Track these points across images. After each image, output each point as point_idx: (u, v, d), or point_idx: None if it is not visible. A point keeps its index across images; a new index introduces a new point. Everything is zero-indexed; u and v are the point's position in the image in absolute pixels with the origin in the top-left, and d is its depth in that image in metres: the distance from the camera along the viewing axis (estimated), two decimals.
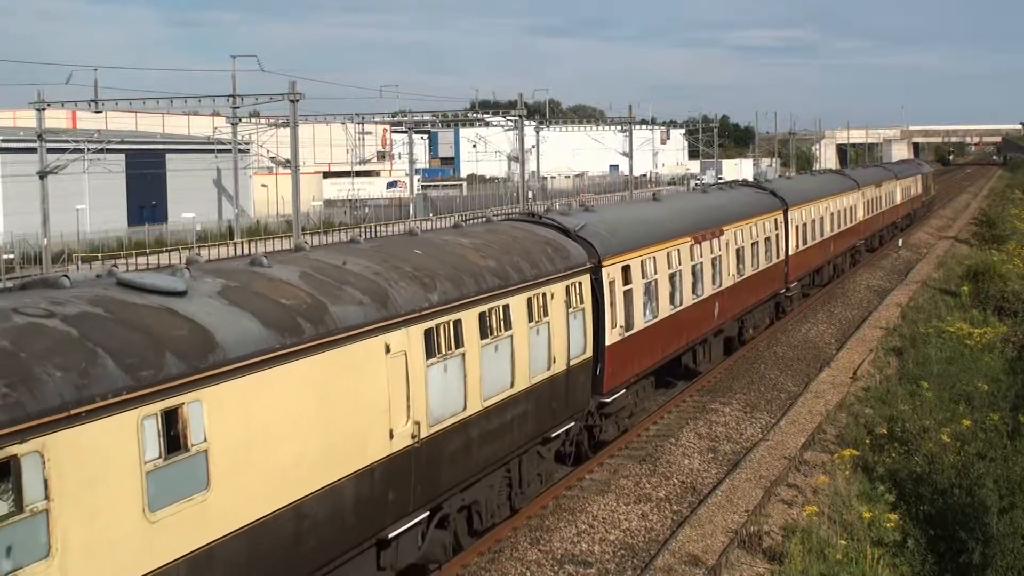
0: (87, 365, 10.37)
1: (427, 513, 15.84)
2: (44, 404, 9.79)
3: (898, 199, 69.19)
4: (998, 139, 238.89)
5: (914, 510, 18.70)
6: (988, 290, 40.43)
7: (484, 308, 17.20)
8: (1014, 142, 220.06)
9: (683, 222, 28.24)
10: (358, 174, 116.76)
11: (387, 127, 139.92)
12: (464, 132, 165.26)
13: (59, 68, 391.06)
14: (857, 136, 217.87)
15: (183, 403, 11.26)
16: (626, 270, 23.18)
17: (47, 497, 9.77)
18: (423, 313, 15.53)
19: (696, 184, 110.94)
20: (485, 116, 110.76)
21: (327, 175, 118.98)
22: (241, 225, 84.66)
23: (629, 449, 23.88)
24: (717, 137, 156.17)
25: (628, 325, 23.12)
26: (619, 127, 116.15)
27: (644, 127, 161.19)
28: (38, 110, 67.12)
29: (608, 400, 22.31)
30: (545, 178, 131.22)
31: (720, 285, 29.93)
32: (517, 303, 18.29)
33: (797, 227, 39.41)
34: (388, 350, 14.72)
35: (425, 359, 15.49)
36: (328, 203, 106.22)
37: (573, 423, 20.91)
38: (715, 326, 30.01)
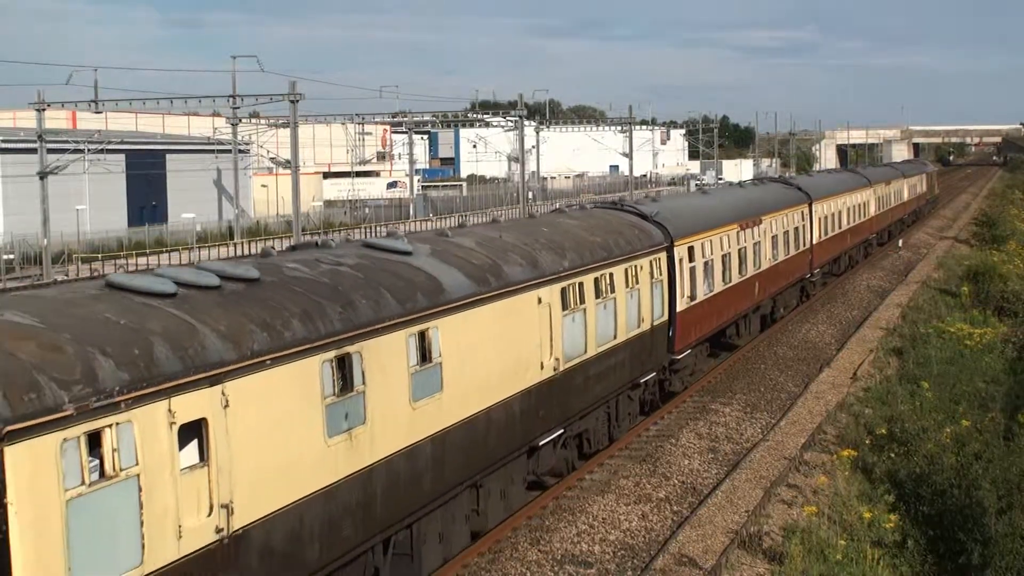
0: (378, 297, 14.79)
1: (562, 430, 20.27)
2: (361, 320, 14.14)
3: (905, 196, 72.18)
4: (998, 139, 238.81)
5: (914, 511, 18.70)
6: (988, 290, 40.42)
7: (597, 274, 21.69)
8: (1014, 142, 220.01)
9: (731, 211, 32.61)
10: (358, 174, 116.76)
11: (387, 127, 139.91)
12: (464, 132, 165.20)
13: (59, 68, 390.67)
14: (857, 136, 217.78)
15: (428, 328, 15.59)
16: (691, 250, 27.50)
17: (364, 383, 14.06)
18: (559, 275, 19.99)
19: (697, 184, 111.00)
20: (485, 116, 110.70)
21: (327, 175, 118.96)
22: (241, 225, 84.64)
23: (629, 449, 23.88)
24: (717, 137, 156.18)
25: (692, 296, 27.50)
26: (619, 127, 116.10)
27: (644, 127, 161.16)
28: (38, 110, 67.10)
29: (678, 357, 26.75)
30: (545, 178, 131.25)
31: (759, 267, 34.18)
32: (618, 272, 22.79)
33: (820, 219, 43.41)
34: (539, 301, 19.14)
35: (562, 310, 19.97)
36: (328, 203, 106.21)
37: (654, 373, 25.44)
38: (755, 303, 34.28)
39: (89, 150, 74.37)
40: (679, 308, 26.35)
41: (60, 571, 9.76)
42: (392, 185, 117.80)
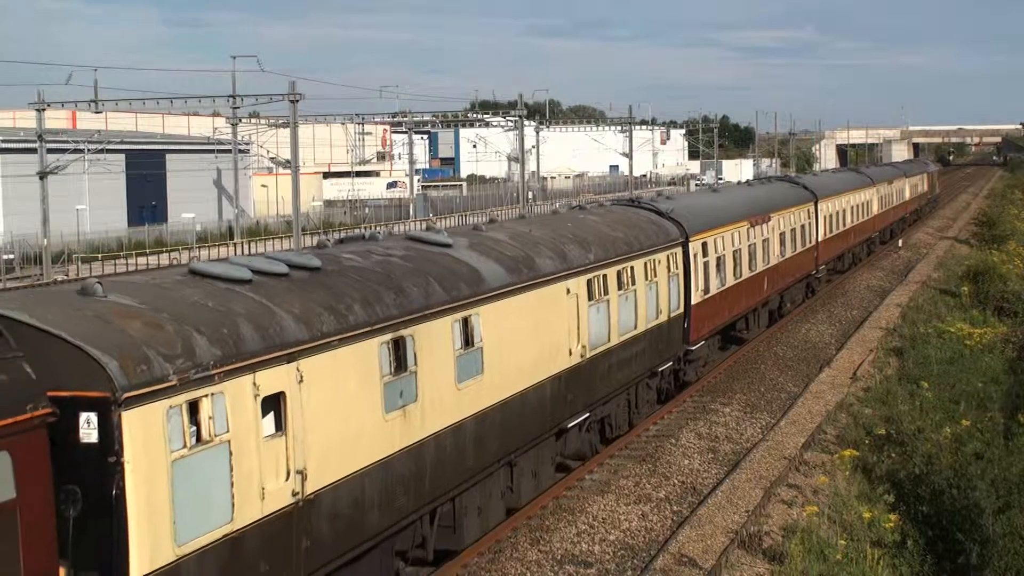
0: (426, 286, 16.01)
1: (587, 414, 21.40)
2: (412, 306, 15.38)
3: (907, 195, 73.33)
4: (998, 139, 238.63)
5: (913, 511, 18.70)
6: (988, 290, 40.37)
7: (620, 267, 22.83)
8: (1014, 142, 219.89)
9: (741, 209, 33.82)
10: (358, 174, 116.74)
11: (387, 127, 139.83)
12: (464, 132, 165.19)
13: (59, 68, 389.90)
14: (857, 136, 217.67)
15: (471, 314, 16.76)
16: (705, 245, 28.61)
17: (416, 364, 15.20)
18: (586, 267, 21.19)
19: (697, 184, 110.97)
20: (485, 116, 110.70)
21: (327, 175, 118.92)
22: (241, 225, 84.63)
23: (629, 449, 23.89)
24: (717, 137, 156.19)
25: (706, 290, 28.63)
26: (619, 127, 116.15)
27: (644, 127, 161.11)
28: (38, 110, 67.11)
29: (693, 348, 27.81)
30: (545, 178, 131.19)
31: (768, 263, 35.25)
32: (639, 265, 23.98)
33: (825, 217, 44.61)
34: (568, 292, 20.31)
35: (588, 301, 21.13)
36: (328, 203, 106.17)
37: (670, 363, 26.62)
38: (764, 298, 35.37)
39: (89, 150, 74.38)
40: (694, 301, 27.54)
41: (166, 523, 10.92)
42: (392, 185, 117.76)
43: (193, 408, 11.35)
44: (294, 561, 12.82)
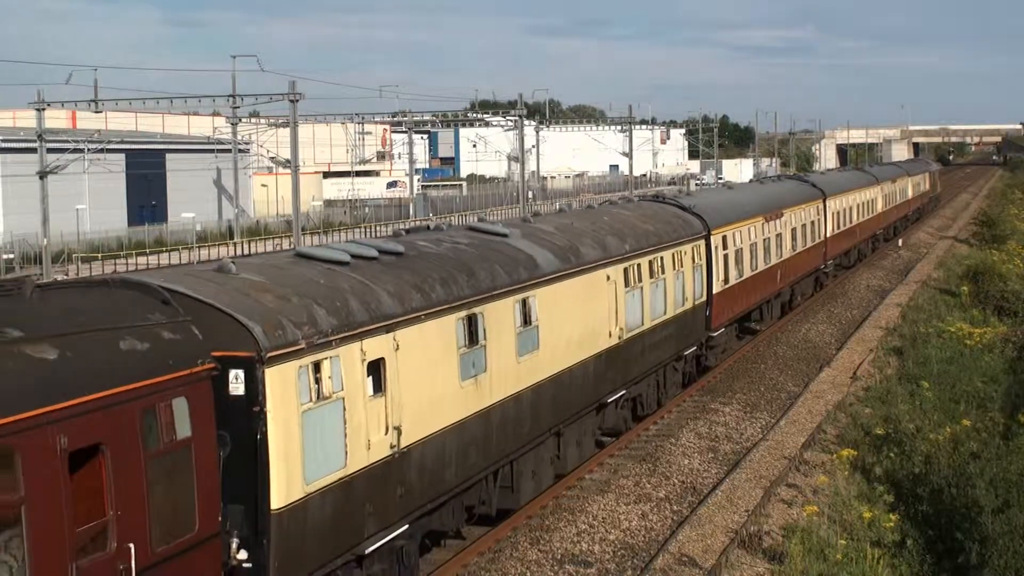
0: (492, 269, 18.09)
1: (623, 391, 23.40)
2: (482, 286, 17.32)
3: (910, 194, 75.14)
4: (998, 139, 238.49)
5: (913, 510, 18.70)
6: (988, 290, 40.39)
7: (651, 257, 24.84)
8: (1014, 142, 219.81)
9: (756, 205, 35.68)
10: (358, 174, 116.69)
11: (387, 127, 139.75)
12: (464, 132, 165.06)
13: (59, 68, 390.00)
14: (857, 136, 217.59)
15: (528, 296, 18.75)
16: (724, 238, 30.56)
17: (485, 339, 17.19)
18: (623, 257, 23.24)
19: (697, 184, 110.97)
20: (485, 116, 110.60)
21: (327, 175, 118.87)
22: (241, 225, 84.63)
23: (629, 449, 23.90)
24: (717, 137, 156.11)
25: (726, 280, 30.56)
26: (619, 127, 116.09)
27: (644, 127, 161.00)
28: (38, 110, 67.07)
29: (714, 334, 29.76)
30: (545, 178, 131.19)
31: (781, 257, 37.05)
32: (667, 256, 25.98)
33: (833, 214, 46.46)
34: (608, 278, 22.33)
35: (624, 287, 23.10)
36: (328, 203, 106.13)
37: (694, 348, 28.43)
38: (777, 289, 37.29)
39: (89, 150, 74.31)
40: (715, 290, 29.49)
41: (298, 465, 12.86)
42: (392, 185, 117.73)
43: (316, 368, 13.30)
44: (390, 506, 14.82)
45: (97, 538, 10.73)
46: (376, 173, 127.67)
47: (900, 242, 64.30)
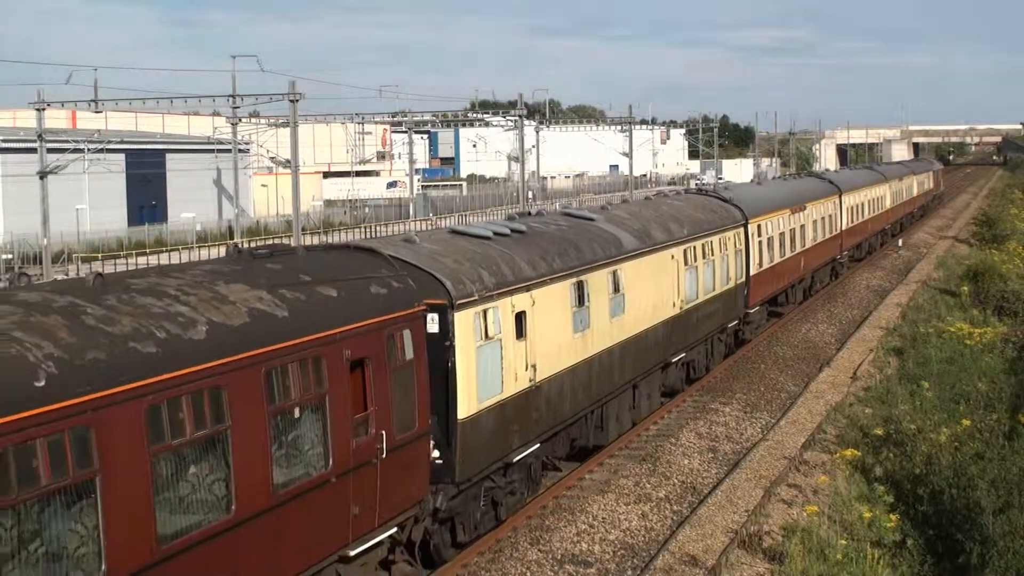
0: (591, 245, 22.17)
1: (683, 354, 27.44)
2: (585, 259, 21.51)
3: (915, 192, 78.69)
4: (998, 139, 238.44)
5: (913, 511, 18.69)
6: (988, 290, 40.36)
7: (704, 240, 28.90)
8: (1014, 142, 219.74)
9: (783, 198, 39.80)
10: (358, 174, 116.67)
11: (387, 127, 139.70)
12: (464, 132, 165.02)
13: (59, 68, 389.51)
14: (857, 136, 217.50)
15: (617, 268, 22.91)
16: (760, 227, 34.54)
17: (588, 301, 21.26)
18: (683, 239, 27.31)
19: (697, 184, 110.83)
20: (485, 116, 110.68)
21: (327, 175, 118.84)
22: (241, 225, 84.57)
23: (629, 449, 23.89)
24: (717, 137, 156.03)
25: (761, 264, 34.53)
26: (619, 127, 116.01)
27: (644, 127, 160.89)
28: (38, 110, 67.01)
29: (751, 311, 33.78)
30: (545, 178, 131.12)
31: (804, 246, 40.85)
32: (715, 240, 29.95)
33: (848, 209, 50.36)
34: (672, 257, 26.31)
35: (684, 265, 27.11)
36: (328, 203, 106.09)
37: (735, 322, 32.46)
38: (800, 276, 41.17)
39: (89, 150, 74.26)
40: (752, 272, 33.39)
41: (474, 388, 16.97)
42: (392, 185, 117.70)
43: (484, 315, 17.30)
44: (528, 427, 18.90)
45: (362, 424, 14.59)
46: (376, 173, 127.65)
47: (900, 242, 64.31)
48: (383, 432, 14.78)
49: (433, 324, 16.26)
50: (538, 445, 19.32)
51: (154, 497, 11.03)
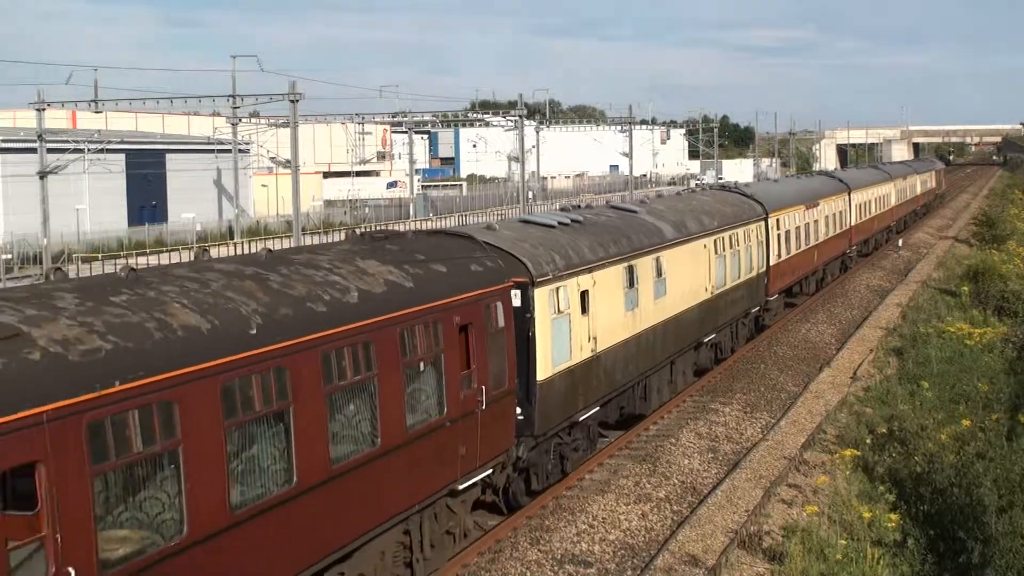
0: (638, 234, 24.76)
1: (714, 335, 30.27)
2: (635, 245, 24.16)
3: (918, 190, 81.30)
4: (998, 139, 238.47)
5: (914, 510, 18.67)
6: (988, 290, 40.35)
7: (730, 232, 31.48)
8: (1014, 142, 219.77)
9: (799, 194, 42.46)
10: (358, 174, 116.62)
11: (387, 127, 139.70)
12: (464, 132, 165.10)
13: (59, 68, 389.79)
14: (857, 136, 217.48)
15: (659, 255, 25.35)
16: (778, 220, 36.97)
17: (638, 283, 23.90)
18: (712, 231, 29.85)
19: (697, 183, 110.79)
20: (485, 116, 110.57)
21: (327, 175, 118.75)
22: (241, 225, 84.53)
23: (629, 449, 23.88)
24: (717, 137, 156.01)
25: (779, 255, 37.00)
26: (619, 127, 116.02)
27: (644, 127, 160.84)
28: (38, 110, 67.01)
29: (770, 299, 36.40)
30: (545, 178, 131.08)
31: (817, 240, 43.44)
32: (740, 232, 32.49)
33: (857, 205, 52.92)
34: (704, 247, 28.88)
35: (714, 254, 29.69)
36: (328, 203, 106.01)
37: (757, 308, 35.13)
38: (814, 268, 43.67)
39: (89, 150, 74.24)
40: (772, 262, 35.84)
41: (549, 353, 19.49)
42: (392, 185, 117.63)
43: (556, 293, 19.88)
44: (590, 391, 21.52)
45: (466, 379, 17.01)
46: (376, 173, 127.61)
47: (900, 242, 64.29)
48: (483, 387, 17.40)
49: (516, 299, 18.71)
50: (597, 408, 22.05)
51: (328, 426, 13.74)
